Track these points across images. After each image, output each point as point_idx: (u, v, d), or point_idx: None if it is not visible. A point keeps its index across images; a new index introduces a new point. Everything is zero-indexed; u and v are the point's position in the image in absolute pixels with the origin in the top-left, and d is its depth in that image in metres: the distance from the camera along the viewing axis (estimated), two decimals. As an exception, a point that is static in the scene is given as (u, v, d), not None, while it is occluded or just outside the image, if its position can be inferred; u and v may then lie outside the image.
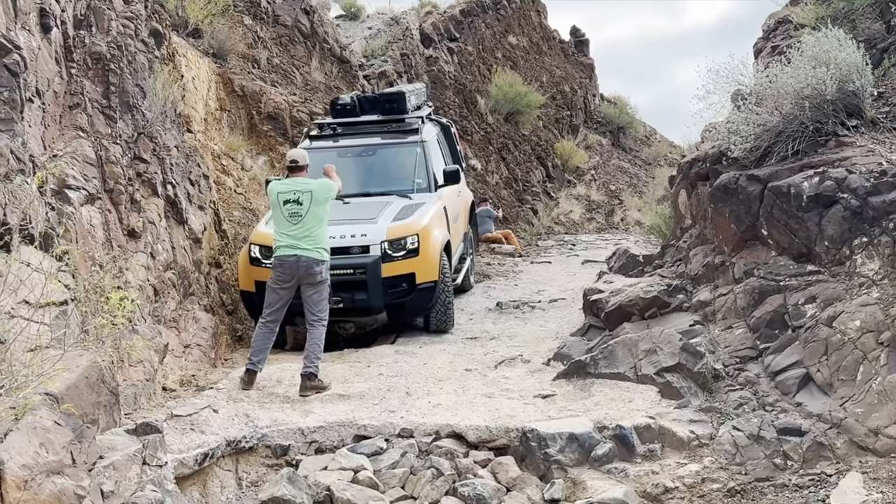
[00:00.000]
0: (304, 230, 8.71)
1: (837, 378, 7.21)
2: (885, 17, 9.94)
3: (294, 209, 8.77)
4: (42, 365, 5.18)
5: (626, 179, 27.09)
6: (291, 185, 8.90)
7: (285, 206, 8.81)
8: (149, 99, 10.15)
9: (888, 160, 8.03)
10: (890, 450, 6.67)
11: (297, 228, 8.73)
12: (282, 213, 8.84)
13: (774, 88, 8.98)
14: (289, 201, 8.80)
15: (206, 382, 9.06)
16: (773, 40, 11.84)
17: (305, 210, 8.74)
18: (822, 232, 7.85)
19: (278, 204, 8.88)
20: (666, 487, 6.86)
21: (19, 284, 5.90)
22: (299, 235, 8.68)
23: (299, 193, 8.78)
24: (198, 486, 7.10)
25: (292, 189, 8.84)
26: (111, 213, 8.89)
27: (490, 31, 25.77)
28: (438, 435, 7.66)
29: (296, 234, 8.69)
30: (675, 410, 7.79)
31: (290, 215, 8.78)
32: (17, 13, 7.85)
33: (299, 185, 8.88)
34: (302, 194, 8.78)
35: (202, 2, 15.27)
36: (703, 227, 9.74)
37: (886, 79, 9.21)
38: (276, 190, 8.97)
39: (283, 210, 8.82)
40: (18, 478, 4.89)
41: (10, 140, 7.11)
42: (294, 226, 8.74)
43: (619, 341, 8.82)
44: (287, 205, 8.80)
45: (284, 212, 8.81)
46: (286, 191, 8.86)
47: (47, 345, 5.87)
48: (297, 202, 8.78)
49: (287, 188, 8.90)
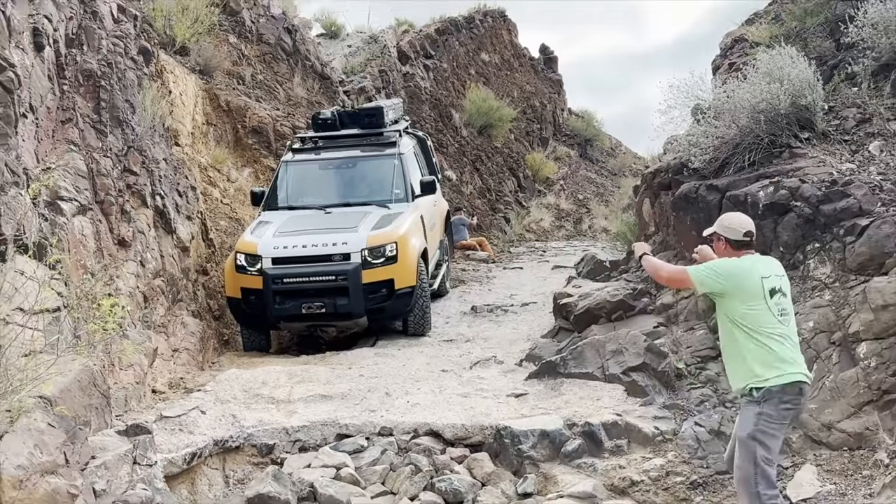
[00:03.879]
0: None
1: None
2: (835, 35, 10.04)
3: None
4: (36, 369, 5.15)
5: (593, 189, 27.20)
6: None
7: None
8: (138, 114, 10.10)
9: (838, 170, 8.11)
10: (842, 443, 6.73)
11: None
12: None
13: (732, 103, 9.03)
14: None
15: (194, 385, 9.02)
16: (730, 58, 11.95)
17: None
18: (778, 238, 7.91)
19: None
20: (632, 481, 6.88)
21: (14, 292, 5.86)
22: None
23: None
24: (186, 484, 7.07)
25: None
26: (102, 224, 8.83)
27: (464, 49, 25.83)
28: (417, 433, 7.66)
29: None
30: (641, 408, 7.83)
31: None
32: (10, 32, 7.80)
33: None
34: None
35: (189, 21, 15.21)
36: (665, 234, 9.80)
37: (836, 94, 9.29)
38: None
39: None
40: (14, 478, 4.86)
41: (4, 154, 7.06)
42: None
43: (588, 343, 8.85)
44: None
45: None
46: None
47: (41, 350, 5.84)
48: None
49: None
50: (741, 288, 5.19)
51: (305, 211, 11.95)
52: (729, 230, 5.37)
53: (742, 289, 5.19)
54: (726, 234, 5.36)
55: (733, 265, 5.28)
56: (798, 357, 5.27)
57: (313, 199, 12.23)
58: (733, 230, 5.32)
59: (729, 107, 9.07)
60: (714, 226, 5.47)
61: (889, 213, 7.43)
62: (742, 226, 5.38)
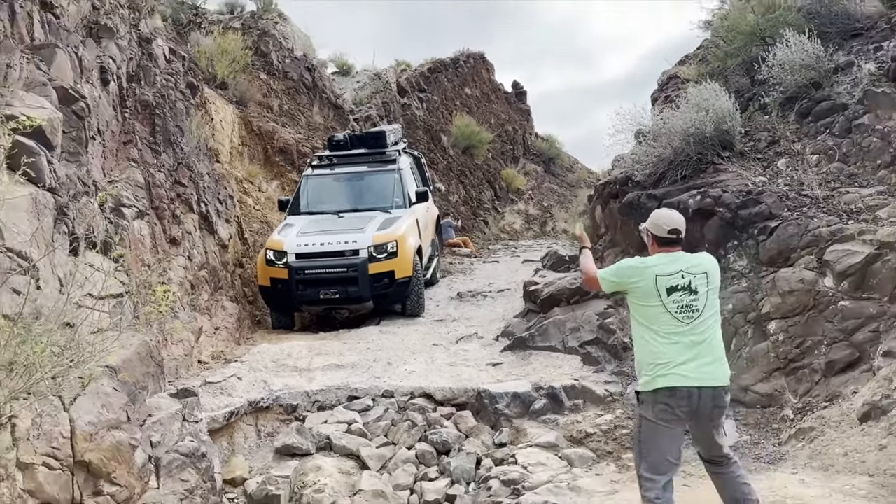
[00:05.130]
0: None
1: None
2: (750, 73, 10.07)
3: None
4: (103, 344, 5.12)
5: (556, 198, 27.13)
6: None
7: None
8: (186, 136, 10.06)
9: (753, 182, 8.13)
10: (756, 402, 6.77)
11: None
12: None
13: (667, 128, 9.05)
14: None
15: (232, 357, 9.00)
16: (666, 91, 11.96)
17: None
18: (704, 237, 7.93)
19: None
20: (587, 433, 6.91)
21: (85, 281, 5.82)
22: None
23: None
24: (226, 436, 7.07)
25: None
26: (157, 226, 8.80)
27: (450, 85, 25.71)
28: (413, 395, 7.67)
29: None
30: (594, 374, 7.86)
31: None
32: (82, 70, 7.76)
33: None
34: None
35: (227, 61, 15.12)
36: (614, 234, 9.81)
37: (751, 120, 9.32)
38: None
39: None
40: (86, 432, 4.85)
41: (77, 168, 7.02)
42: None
43: (551, 321, 8.87)
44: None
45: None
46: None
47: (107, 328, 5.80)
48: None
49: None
50: (634, 287, 4.49)
51: (322, 215, 11.90)
52: (655, 227, 4.60)
53: (636, 287, 4.49)
54: (653, 231, 4.61)
55: (629, 265, 4.60)
56: (690, 355, 4.32)
57: (329, 206, 12.18)
58: (659, 227, 4.56)
59: (665, 131, 9.09)
60: (647, 221, 4.72)
61: (794, 216, 7.46)
62: (668, 224, 4.58)
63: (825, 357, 6.55)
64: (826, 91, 8.90)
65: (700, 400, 4.28)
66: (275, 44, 17.50)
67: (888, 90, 8.26)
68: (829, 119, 8.59)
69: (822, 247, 7.04)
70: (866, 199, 7.38)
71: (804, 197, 7.71)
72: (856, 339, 6.47)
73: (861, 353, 6.40)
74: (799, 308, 6.90)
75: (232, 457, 6.86)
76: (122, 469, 4.93)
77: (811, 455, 5.76)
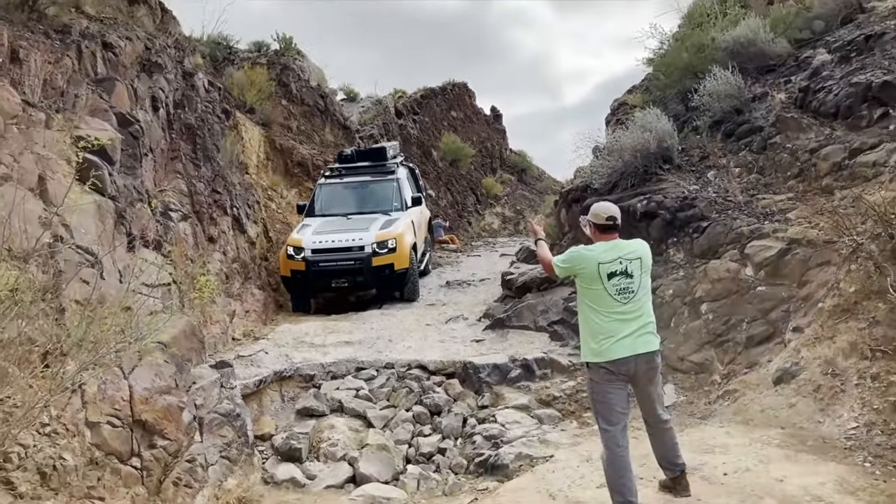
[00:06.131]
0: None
1: (658, 326, 7.35)
2: (685, 101, 10.12)
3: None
4: (156, 324, 5.19)
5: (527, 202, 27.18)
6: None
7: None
8: (221, 152, 10.10)
9: (688, 190, 8.19)
10: (690, 369, 6.78)
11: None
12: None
13: (619, 145, 9.07)
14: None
15: (260, 335, 9.01)
16: (617, 115, 11.99)
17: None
18: (650, 235, 7.90)
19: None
20: (554, 396, 6.96)
21: (140, 272, 5.88)
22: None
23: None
24: (256, 400, 7.09)
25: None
26: (198, 226, 8.83)
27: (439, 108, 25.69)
28: (410, 366, 7.67)
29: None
30: (560, 348, 7.87)
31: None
32: (137, 99, 7.80)
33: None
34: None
35: (255, 90, 15.10)
36: (576, 233, 9.82)
37: (686, 139, 9.34)
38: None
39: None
40: (142, 396, 4.91)
41: (133, 180, 7.07)
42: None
43: (525, 305, 8.88)
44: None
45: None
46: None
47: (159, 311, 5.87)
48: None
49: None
50: (581, 272, 4.34)
51: (333, 217, 11.89)
52: (595, 216, 4.45)
53: (582, 272, 4.33)
54: (593, 220, 4.46)
55: (576, 254, 4.39)
56: (629, 330, 4.24)
57: (339, 209, 12.17)
58: (598, 216, 4.42)
59: (617, 147, 9.11)
60: (588, 213, 4.54)
61: (721, 218, 7.52)
62: (605, 212, 4.45)
63: (746, 332, 6.60)
64: (746, 116, 8.97)
65: (636, 365, 4.26)
66: (294, 76, 17.46)
67: (796, 115, 8.36)
68: (748, 139, 8.65)
69: (744, 242, 7.09)
70: (779, 204, 7.47)
71: (729, 202, 7.77)
72: (771, 317, 6.53)
73: (775, 329, 6.45)
74: (725, 293, 6.95)
75: (261, 416, 6.88)
76: (172, 426, 5.00)
77: (735, 412, 5.83)
